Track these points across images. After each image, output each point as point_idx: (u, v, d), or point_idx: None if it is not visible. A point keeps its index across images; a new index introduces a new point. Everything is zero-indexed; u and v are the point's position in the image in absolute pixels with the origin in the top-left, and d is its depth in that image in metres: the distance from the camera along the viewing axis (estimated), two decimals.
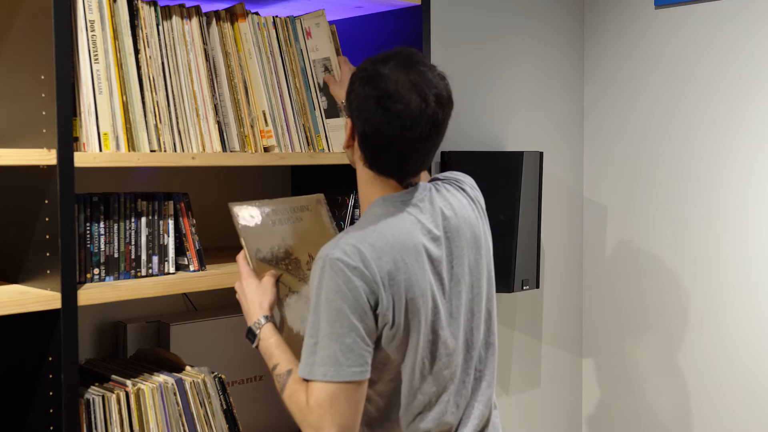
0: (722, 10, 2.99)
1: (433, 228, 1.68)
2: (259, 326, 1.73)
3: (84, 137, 1.74)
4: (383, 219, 1.65)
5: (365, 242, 1.59)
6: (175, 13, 1.93)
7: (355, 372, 1.56)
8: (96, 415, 1.79)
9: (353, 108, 1.67)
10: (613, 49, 3.29)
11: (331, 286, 1.56)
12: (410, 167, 1.69)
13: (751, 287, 2.95)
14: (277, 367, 1.67)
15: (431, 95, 1.64)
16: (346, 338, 1.55)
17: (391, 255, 1.60)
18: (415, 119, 1.62)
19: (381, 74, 1.64)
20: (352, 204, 2.24)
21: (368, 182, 1.71)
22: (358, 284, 1.56)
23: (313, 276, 1.60)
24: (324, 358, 1.55)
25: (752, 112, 2.93)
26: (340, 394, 1.56)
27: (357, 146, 1.69)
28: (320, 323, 1.56)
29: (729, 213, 3.00)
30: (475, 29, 3.00)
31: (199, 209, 2.15)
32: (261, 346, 1.72)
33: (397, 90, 1.62)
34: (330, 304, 1.56)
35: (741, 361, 2.99)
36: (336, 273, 1.56)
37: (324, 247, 1.61)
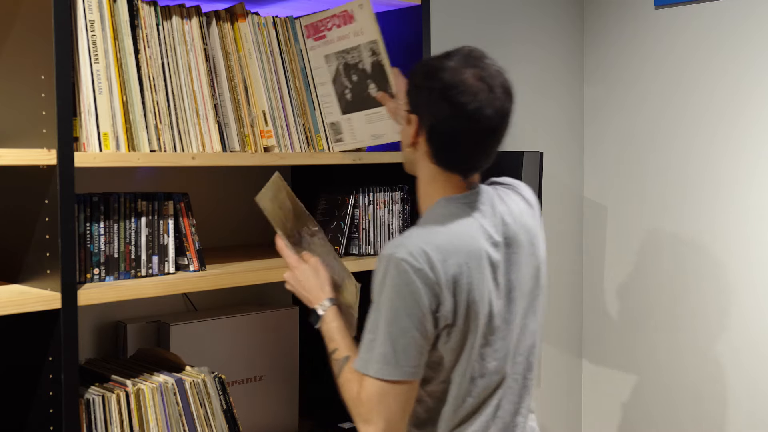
0: (722, 10, 2.99)
1: (494, 233, 1.68)
2: (324, 308, 1.77)
3: (84, 137, 1.74)
4: (448, 221, 1.65)
5: (431, 243, 1.60)
6: (175, 13, 1.93)
7: (406, 372, 1.59)
8: (96, 415, 1.79)
9: (418, 103, 1.67)
10: (613, 49, 3.29)
11: (393, 286, 1.58)
12: (477, 161, 1.70)
13: (752, 287, 2.95)
14: (336, 351, 1.71)
15: (498, 86, 1.65)
16: (402, 339, 1.58)
17: (456, 258, 1.61)
18: (483, 110, 1.62)
19: (445, 67, 1.64)
20: (352, 204, 2.24)
21: (432, 180, 1.71)
22: (421, 286, 1.57)
23: (377, 273, 1.62)
24: (379, 355, 1.59)
25: (754, 112, 2.93)
26: (390, 392, 1.60)
27: (423, 142, 1.68)
28: (380, 321, 1.59)
29: (730, 212, 3.00)
30: (475, 29, 3.00)
31: (199, 209, 2.15)
32: (323, 328, 1.77)
33: (463, 81, 1.62)
34: (391, 303, 1.58)
35: (743, 360, 2.98)
36: (399, 273, 1.58)
37: (389, 244, 1.63)
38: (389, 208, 2.30)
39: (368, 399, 1.61)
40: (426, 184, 1.73)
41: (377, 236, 2.27)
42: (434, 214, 1.68)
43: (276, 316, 2.41)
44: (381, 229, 2.28)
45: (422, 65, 1.70)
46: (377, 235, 2.27)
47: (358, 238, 2.25)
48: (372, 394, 1.61)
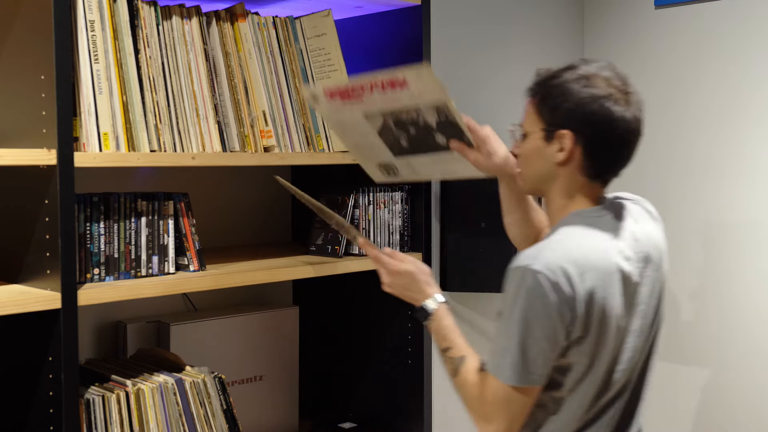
0: (722, 10, 2.99)
1: (626, 248, 1.69)
2: (435, 304, 1.78)
3: (84, 137, 1.74)
4: (583, 235, 1.67)
5: (568, 258, 1.60)
6: (175, 13, 1.93)
7: (533, 379, 1.63)
8: (96, 415, 1.79)
9: (576, 115, 1.65)
10: (613, 49, 3.29)
11: (528, 298, 1.59)
12: (620, 169, 1.73)
13: (755, 286, 2.95)
14: (450, 350, 1.74)
15: (633, 90, 1.69)
16: (533, 348, 1.60)
17: (592, 273, 1.61)
18: (635, 115, 1.67)
19: (595, 75, 1.66)
20: (351, 204, 2.24)
21: (571, 193, 1.72)
22: (556, 300, 1.58)
23: (510, 282, 1.63)
24: (511, 362, 1.61)
25: (755, 112, 2.93)
26: (516, 397, 1.64)
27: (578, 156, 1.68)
28: (513, 330, 1.61)
29: (731, 212, 3.00)
30: (475, 29, 3.00)
31: (199, 209, 2.15)
32: (433, 325, 1.78)
33: (616, 87, 1.66)
34: (524, 314, 1.60)
35: (744, 360, 2.99)
36: (535, 286, 1.58)
37: (524, 255, 1.63)
38: (389, 208, 2.30)
39: (494, 401, 1.65)
40: (563, 197, 1.73)
41: (377, 236, 2.27)
42: (568, 229, 1.68)
43: (276, 316, 2.41)
44: (381, 229, 2.28)
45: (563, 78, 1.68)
46: (377, 235, 2.27)
47: None
48: (499, 397, 1.64)
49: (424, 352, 2.30)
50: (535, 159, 1.73)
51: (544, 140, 1.70)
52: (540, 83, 1.73)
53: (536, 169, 1.74)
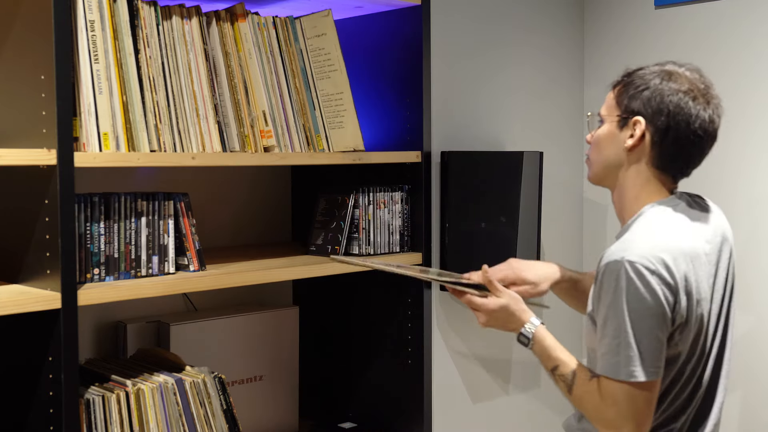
0: (722, 10, 2.99)
1: (706, 232, 1.75)
2: (533, 329, 1.81)
3: (84, 137, 1.74)
4: (667, 222, 1.71)
5: (660, 246, 1.64)
6: (175, 13, 1.93)
7: (652, 372, 1.63)
8: (96, 415, 1.79)
9: (652, 104, 1.71)
10: (613, 49, 3.29)
11: (632, 289, 1.62)
12: (692, 167, 1.78)
13: (755, 287, 2.95)
14: (558, 368, 1.77)
15: (716, 98, 1.75)
16: (645, 340, 1.62)
17: (683, 258, 1.65)
18: (713, 118, 1.72)
19: (677, 72, 1.73)
20: (352, 204, 2.24)
21: (643, 184, 1.76)
22: (658, 288, 1.62)
23: (609, 277, 1.65)
24: (626, 358, 1.62)
25: (754, 112, 2.93)
26: (639, 394, 1.63)
27: (647, 144, 1.73)
28: (622, 324, 1.62)
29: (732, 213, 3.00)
30: (476, 29, 3.00)
31: (199, 209, 2.15)
32: (536, 348, 1.80)
33: (697, 87, 1.72)
34: (631, 306, 1.62)
35: (744, 360, 2.98)
36: (637, 276, 1.62)
37: (614, 250, 1.67)
38: (389, 208, 2.30)
39: (616, 403, 1.64)
40: (637, 188, 1.76)
41: (377, 236, 2.27)
42: (651, 219, 1.72)
43: (276, 316, 2.41)
44: (381, 229, 2.28)
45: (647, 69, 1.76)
46: (377, 235, 2.27)
47: (358, 238, 2.25)
48: (621, 398, 1.64)
49: (424, 352, 2.30)
50: (607, 144, 1.78)
51: (618, 126, 1.76)
52: (625, 75, 1.79)
53: (606, 156, 1.79)
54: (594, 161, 1.83)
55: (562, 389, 1.77)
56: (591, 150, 1.84)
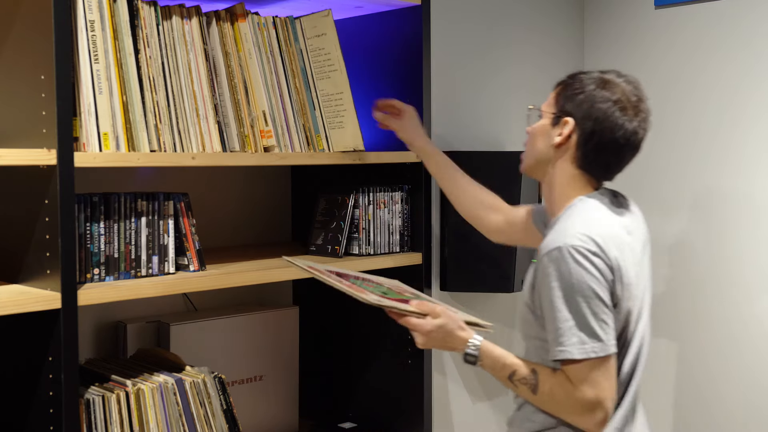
0: (722, 10, 2.99)
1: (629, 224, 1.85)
2: (477, 346, 1.81)
3: (84, 137, 1.74)
4: (596, 212, 1.80)
5: (593, 232, 1.73)
6: (175, 13, 1.93)
7: (609, 346, 1.71)
8: (96, 415, 1.79)
9: (583, 108, 1.81)
10: (613, 49, 3.29)
11: (577, 272, 1.69)
12: (614, 173, 1.88)
13: (756, 288, 2.95)
14: (515, 373, 1.79)
15: (648, 112, 1.85)
16: (601, 315, 1.70)
17: (613, 244, 1.74)
18: (639, 130, 1.82)
19: (613, 82, 1.82)
20: (352, 204, 2.24)
21: (570, 180, 1.85)
22: (601, 266, 1.71)
23: (552, 265, 1.71)
24: (583, 337, 1.68)
25: (754, 112, 2.93)
26: (602, 370, 1.70)
27: (572, 145, 1.83)
28: (574, 305, 1.69)
29: (731, 213, 3.00)
30: (476, 29, 3.00)
31: (199, 209, 2.15)
32: (486, 363, 1.82)
33: (629, 99, 1.81)
34: (581, 285, 1.69)
35: (744, 361, 2.99)
36: (580, 258, 1.70)
37: (550, 239, 1.75)
38: (389, 208, 2.30)
39: (591, 382, 1.69)
40: (563, 184, 1.86)
41: (377, 236, 2.27)
42: (580, 210, 1.81)
43: (276, 316, 2.41)
44: (381, 229, 2.28)
45: (588, 75, 1.85)
46: (377, 235, 2.27)
47: (358, 238, 2.25)
48: (593, 375, 1.69)
49: (424, 352, 2.30)
50: (539, 138, 1.89)
51: (552, 123, 1.86)
52: (569, 76, 1.89)
53: (537, 149, 1.90)
54: (527, 153, 1.93)
55: (525, 393, 1.79)
56: (527, 142, 1.94)
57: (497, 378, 1.83)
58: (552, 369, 1.76)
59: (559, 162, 1.86)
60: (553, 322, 1.71)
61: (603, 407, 1.70)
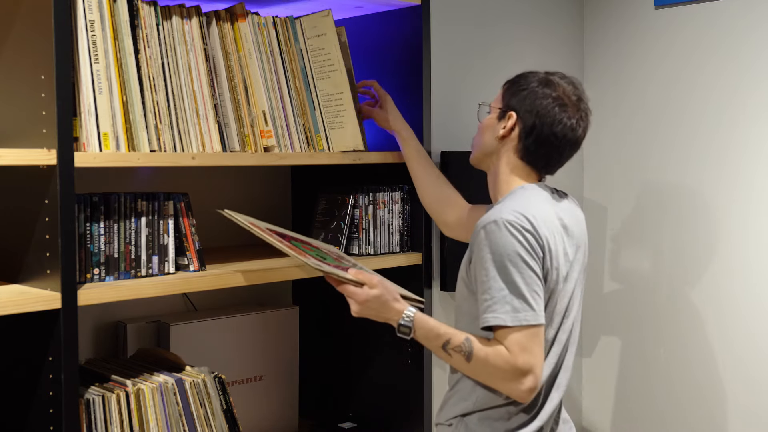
0: (723, 10, 2.99)
1: (563, 216, 1.92)
2: (411, 318, 1.86)
3: (84, 137, 1.74)
4: (532, 199, 1.89)
5: (527, 211, 1.83)
6: (175, 13, 1.93)
7: (540, 316, 1.78)
8: (96, 415, 1.79)
9: (525, 103, 1.93)
10: (613, 49, 3.29)
11: (510, 243, 1.78)
12: (554, 167, 1.99)
13: (754, 288, 2.95)
14: (450, 341, 1.83)
15: (588, 112, 1.96)
16: (533, 286, 1.78)
17: (546, 226, 1.84)
18: (578, 127, 1.93)
19: (555, 81, 1.94)
20: (351, 204, 2.24)
21: (513, 170, 1.97)
22: (532, 242, 1.80)
23: (487, 237, 1.80)
24: (519, 305, 1.76)
25: (754, 111, 2.93)
26: (538, 336, 1.77)
27: (515, 138, 1.95)
28: (508, 275, 1.77)
29: (731, 213, 3.00)
30: (476, 29, 3.00)
31: (199, 209, 2.15)
32: (420, 334, 1.86)
33: (570, 98, 1.92)
34: (514, 256, 1.77)
35: (743, 361, 2.99)
36: (513, 231, 1.79)
37: (486, 216, 1.84)
38: (389, 208, 2.30)
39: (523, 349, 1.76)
40: (506, 174, 1.98)
41: (377, 236, 2.27)
42: (519, 195, 1.91)
43: (276, 316, 2.41)
44: (381, 229, 2.28)
45: (531, 73, 1.97)
46: (377, 235, 2.27)
47: (358, 238, 2.25)
48: (525, 342, 1.75)
49: (424, 352, 2.30)
50: (486, 132, 2.01)
51: (497, 118, 1.99)
52: (518, 75, 2.00)
53: (484, 141, 2.02)
54: (474, 145, 2.05)
55: (459, 361, 1.83)
56: (475, 136, 2.06)
57: (431, 349, 1.88)
58: (485, 338, 1.81)
59: (503, 153, 1.97)
60: (487, 291, 1.78)
61: (534, 374, 1.76)
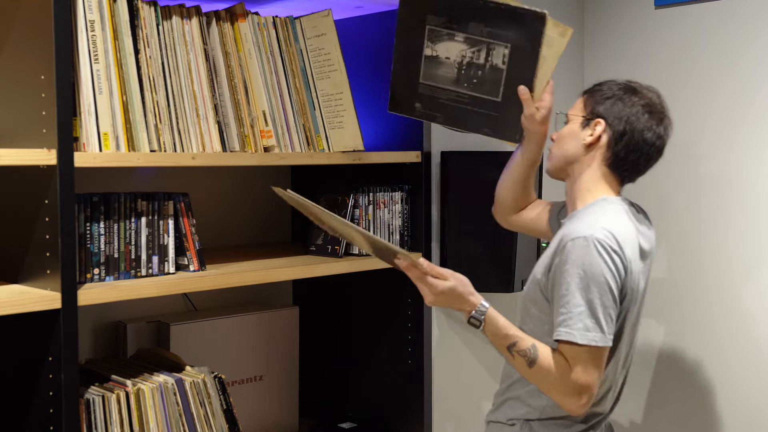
0: (723, 9, 2.99)
1: (642, 236, 1.94)
2: (485, 308, 1.88)
3: (84, 137, 1.74)
4: (617, 215, 1.89)
5: (616, 230, 1.83)
6: (175, 13, 1.93)
7: (609, 339, 1.80)
8: (96, 415, 1.79)
9: (614, 110, 1.93)
10: (613, 49, 3.29)
11: (597, 264, 1.78)
12: (638, 174, 1.98)
13: (756, 288, 2.95)
14: (516, 344, 1.85)
15: (671, 119, 1.99)
16: (609, 309, 1.79)
17: (630, 247, 1.84)
18: (665, 133, 1.96)
19: (639, 88, 1.96)
20: (352, 204, 2.24)
21: (595, 179, 1.95)
22: (618, 263, 1.80)
23: (573, 250, 1.80)
24: (589, 324, 1.77)
25: (757, 111, 2.93)
26: (597, 359, 1.80)
27: (603, 144, 1.93)
28: (588, 294, 1.78)
29: (732, 213, 3.00)
30: None
31: (199, 209, 2.15)
32: (489, 329, 1.88)
33: (655, 105, 1.95)
34: (598, 277, 1.78)
35: (744, 361, 2.99)
36: (602, 252, 1.79)
37: (575, 228, 1.83)
38: (389, 208, 2.30)
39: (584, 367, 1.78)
40: (589, 182, 1.95)
41: (377, 236, 2.27)
42: (601, 208, 1.90)
43: (276, 316, 2.41)
44: (381, 229, 2.28)
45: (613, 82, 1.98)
46: (377, 235, 2.27)
47: None
48: (588, 361, 1.78)
49: (424, 352, 2.30)
50: (568, 140, 1.98)
51: (581, 125, 1.97)
52: (597, 84, 2.01)
53: (566, 149, 1.98)
54: (555, 155, 2.01)
55: (521, 365, 1.85)
56: (554, 146, 2.02)
57: (495, 346, 1.89)
58: (550, 347, 1.83)
59: (589, 160, 1.95)
60: (565, 306, 1.79)
61: (589, 392, 1.79)
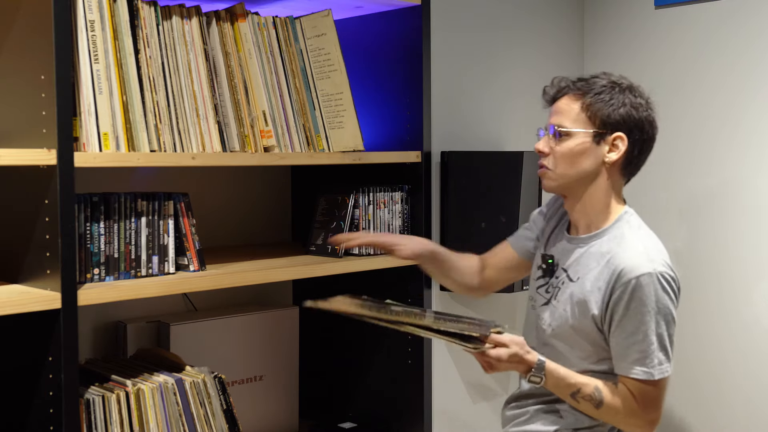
0: (723, 9, 2.99)
1: None
2: (542, 368, 1.83)
3: (84, 137, 1.74)
4: (651, 234, 1.89)
5: (665, 254, 1.85)
6: (175, 13, 1.93)
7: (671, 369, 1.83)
8: (96, 415, 1.79)
9: (630, 121, 1.83)
10: (613, 49, 3.29)
11: (664, 299, 1.79)
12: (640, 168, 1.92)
13: (756, 288, 2.95)
14: (579, 391, 1.84)
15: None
16: (673, 337, 1.82)
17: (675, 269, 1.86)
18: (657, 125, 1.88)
19: (634, 86, 1.87)
20: (352, 204, 2.24)
21: (609, 190, 1.88)
22: (678, 293, 1.83)
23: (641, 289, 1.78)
24: (662, 358, 1.80)
25: (757, 111, 2.93)
26: (667, 386, 1.83)
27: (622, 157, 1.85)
28: (659, 329, 1.80)
29: (732, 213, 3.00)
30: (475, 29, 3.00)
31: (199, 209, 2.15)
32: (551, 382, 1.85)
33: (644, 94, 1.87)
34: (665, 310, 1.80)
35: (744, 361, 2.99)
36: (668, 287, 1.80)
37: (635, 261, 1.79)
38: (389, 208, 2.30)
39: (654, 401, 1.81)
40: (608, 196, 1.88)
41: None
42: (635, 226, 1.89)
43: (276, 316, 2.41)
44: (381, 229, 2.28)
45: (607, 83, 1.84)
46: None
47: None
48: (657, 395, 1.81)
49: (424, 352, 2.30)
50: (582, 159, 1.85)
51: (594, 141, 1.83)
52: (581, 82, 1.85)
53: (583, 169, 1.85)
54: (563, 174, 1.87)
55: (588, 408, 1.85)
56: (557, 162, 1.86)
57: (557, 394, 1.88)
58: (613, 384, 1.83)
59: (605, 175, 1.87)
60: (639, 344, 1.79)
61: (658, 423, 1.83)
